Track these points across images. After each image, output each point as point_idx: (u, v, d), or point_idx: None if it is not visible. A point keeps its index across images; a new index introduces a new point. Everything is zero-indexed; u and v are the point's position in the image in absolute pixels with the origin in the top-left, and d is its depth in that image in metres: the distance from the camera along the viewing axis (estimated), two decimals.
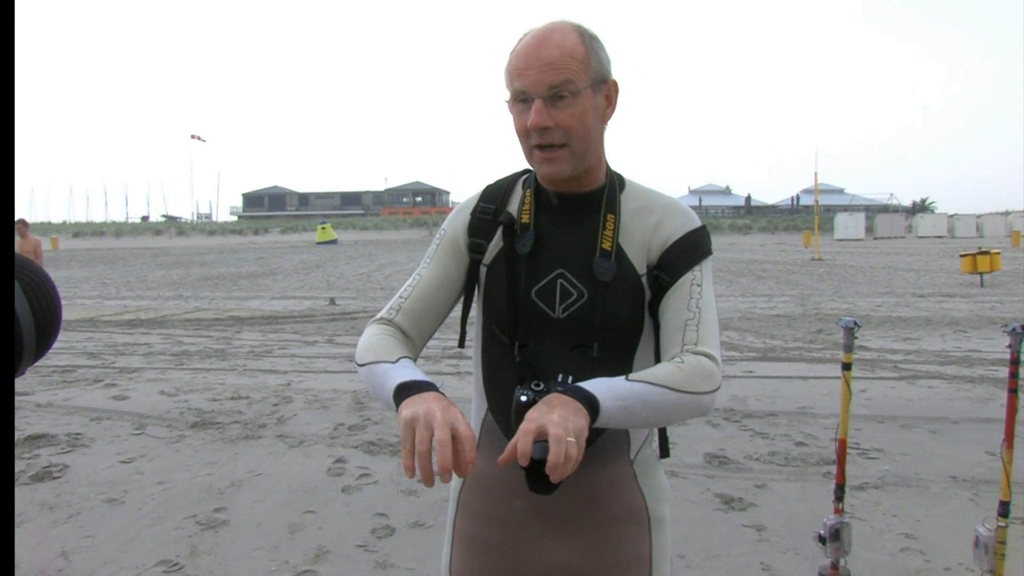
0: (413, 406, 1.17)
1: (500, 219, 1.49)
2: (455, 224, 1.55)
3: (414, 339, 1.48)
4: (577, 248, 1.44)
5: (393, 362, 1.34)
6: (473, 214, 1.53)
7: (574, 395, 1.20)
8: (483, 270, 1.50)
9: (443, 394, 1.23)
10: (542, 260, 1.44)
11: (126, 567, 3.55)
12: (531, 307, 1.43)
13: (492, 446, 1.49)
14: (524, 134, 1.39)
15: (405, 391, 1.23)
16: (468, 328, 1.57)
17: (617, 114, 1.45)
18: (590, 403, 1.20)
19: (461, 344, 1.58)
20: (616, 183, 1.50)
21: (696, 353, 1.34)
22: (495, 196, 1.54)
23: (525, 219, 1.47)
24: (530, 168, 1.51)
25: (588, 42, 1.38)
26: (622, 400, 1.24)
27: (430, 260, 1.54)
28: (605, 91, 1.42)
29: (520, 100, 1.38)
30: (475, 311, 1.56)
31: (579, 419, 1.16)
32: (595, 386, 1.24)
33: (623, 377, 1.28)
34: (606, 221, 1.44)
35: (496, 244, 1.49)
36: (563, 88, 1.34)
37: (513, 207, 1.51)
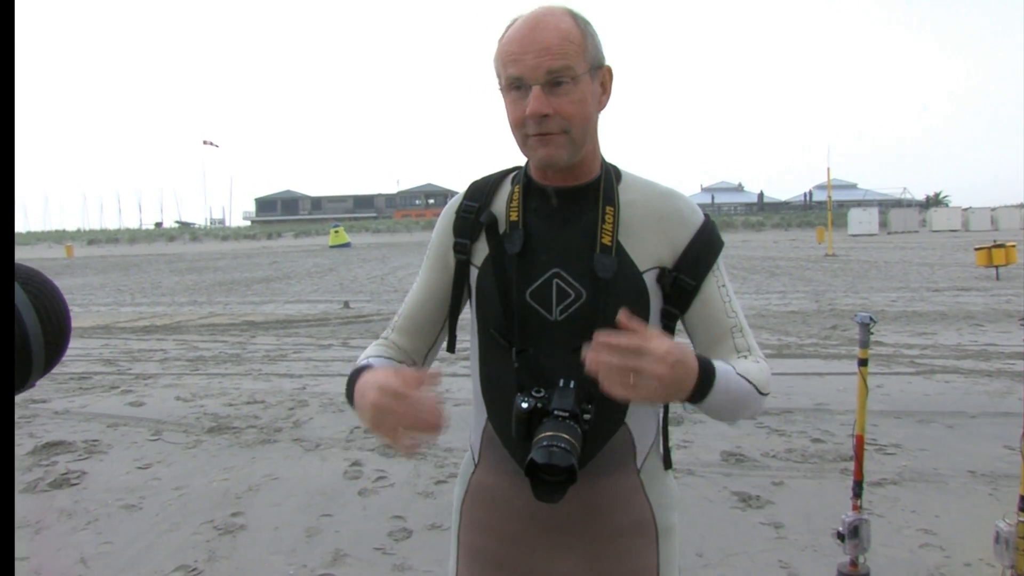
0: (363, 395, 1.22)
1: (481, 219, 1.42)
2: (440, 230, 1.50)
3: (410, 353, 1.50)
4: (573, 245, 1.36)
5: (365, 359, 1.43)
6: (458, 213, 1.46)
7: (700, 361, 1.19)
8: (473, 272, 1.43)
9: (384, 366, 1.29)
10: (535, 260, 1.37)
11: (145, 573, 3.57)
12: (527, 310, 1.36)
13: (494, 458, 1.45)
14: (519, 123, 1.31)
15: (356, 373, 1.31)
16: (461, 332, 1.51)
17: (630, 111, 1.44)
18: (707, 375, 1.19)
19: (451, 349, 1.53)
20: (612, 174, 1.41)
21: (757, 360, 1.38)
22: (479, 193, 1.46)
23: (514, 217, 1.39)
24: (520, 165, 1.46)
25: (583, 26, 1.32)
26: (728, 394, 1.24)
27: (420, 276, 1.52)
28: (600, 78, 1.35)
29: (515, 87, 1.30)
30: (469, 314, 1.49)
31: (686, 367, 1.15)
32: (720, 368, 1.23)
33: (733, 368, 1.28)
34: (605, 215, 1.36)
35: (483, 244, 1.42)
36: (562, 73, 1.27)
37: (500, 204, 1.43)
